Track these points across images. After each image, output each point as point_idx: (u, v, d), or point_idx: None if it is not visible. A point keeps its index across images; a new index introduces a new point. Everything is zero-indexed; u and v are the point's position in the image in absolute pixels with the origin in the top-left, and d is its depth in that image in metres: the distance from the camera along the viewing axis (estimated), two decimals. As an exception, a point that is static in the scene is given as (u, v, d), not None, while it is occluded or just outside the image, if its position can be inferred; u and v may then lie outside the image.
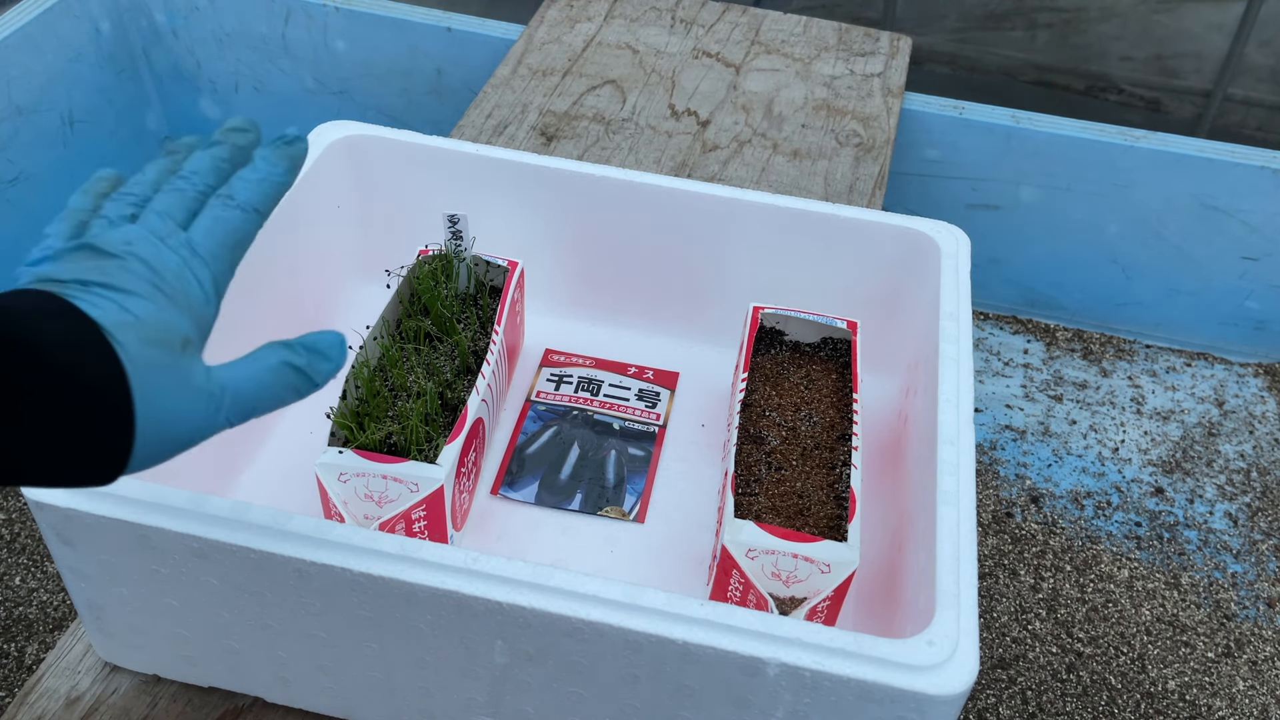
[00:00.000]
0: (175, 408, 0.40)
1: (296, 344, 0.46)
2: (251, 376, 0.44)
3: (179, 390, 0.41)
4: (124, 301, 0.40)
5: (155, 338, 0.40)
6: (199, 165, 0.46)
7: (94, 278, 0.41)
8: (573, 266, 0.85)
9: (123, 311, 0.40)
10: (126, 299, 0.40)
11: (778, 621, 0.51)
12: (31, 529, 1.27)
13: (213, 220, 0.45)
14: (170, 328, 0.41)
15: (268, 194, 0.47)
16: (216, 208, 0.45)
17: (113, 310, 0.40)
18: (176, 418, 0.41)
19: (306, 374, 0.45)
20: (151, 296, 0.41)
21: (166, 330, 0.41)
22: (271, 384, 0.44)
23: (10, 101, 1.50)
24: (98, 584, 0.58)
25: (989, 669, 1.21)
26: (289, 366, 0.45)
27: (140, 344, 0.39)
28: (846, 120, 1.25)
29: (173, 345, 0.41)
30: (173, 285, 0.42)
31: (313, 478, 0.66)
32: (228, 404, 0.43)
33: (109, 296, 0.40)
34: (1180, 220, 1.49)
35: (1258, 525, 1.38)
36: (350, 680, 0.59)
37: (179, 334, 0.41)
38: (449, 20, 1.56)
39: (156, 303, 0.41)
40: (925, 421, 0.67)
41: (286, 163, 0.48)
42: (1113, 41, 1.64)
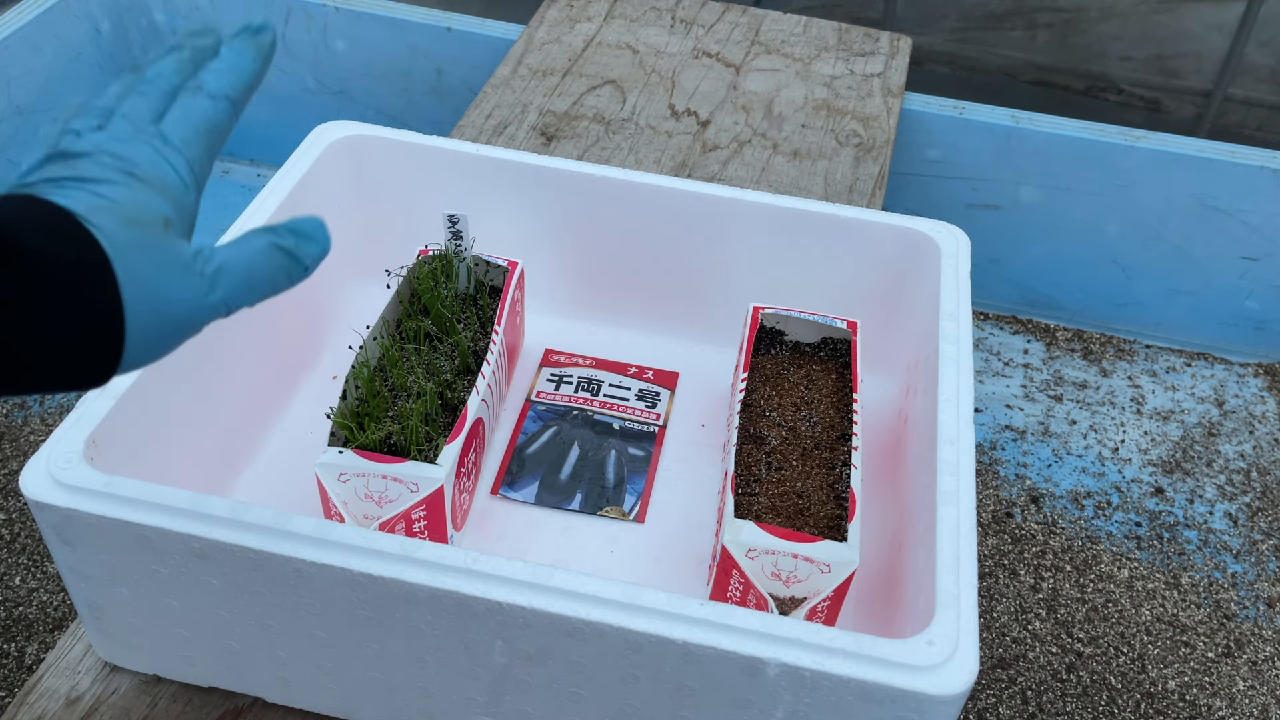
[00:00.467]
0: (164, 286, 0.39)
1: (281, 228, 0.44)
2: (242, 257, 0.42)
3: (165, 268, 0.39)
4: (96, 189, 0.39)
5: (133, 217, 0.39)
6: (161, 69, 0.45)
7: (63, 174, 0.39)
8: (573, 266, 0.85)
9: (95, 196, 0.38)
10: (98, 186, 0.39)
11: (778, 621, 0.51)
12: (31, 529, 1.27)
13: (183, 110, 0.44)
14: (147, 206, 0.40)
15: (237, 82, 0.45)
16: (186, 99, 0.44)
17: (85, 197, 0.38)
18: (167, 297, 0.39)
19: (295, 255, 0.44)
20: (124, 181, 0.40)
21: (143, 209, 0.39)
22: (263, 266, 0.43)
23: (10, 101, 1.50)
24: (98, 584, 0.58)
25: (989, 669, 1.21)
26: (277, 249, 0.43)
27: (117, 224, 0.38)
28: (846, 120, 1.25)
29: (153, 223, 0.39)
30: (146, 171, 0.41)
31: (313, 478, 0.66)
32: (221, 284, 0.41)
33: (80, 186, 0.39)
34: (1180, 220, 1.49)
35: (1258, 525, 1.38)
36: (350, 680, 0.59)
37: (158, 213, 0.40)
38: (449, 20, 1.56)
39: (130, 187, 0.40)
40: (925, 421, 0.67)
41: (254, 50, 0.46)
42: (1113, 41, 1.64)
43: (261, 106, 1.75)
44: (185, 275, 0.40)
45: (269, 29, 0.47)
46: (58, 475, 0.55)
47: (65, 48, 1.57)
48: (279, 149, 1.79)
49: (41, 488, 0.55)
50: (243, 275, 0.42)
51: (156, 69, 0.45)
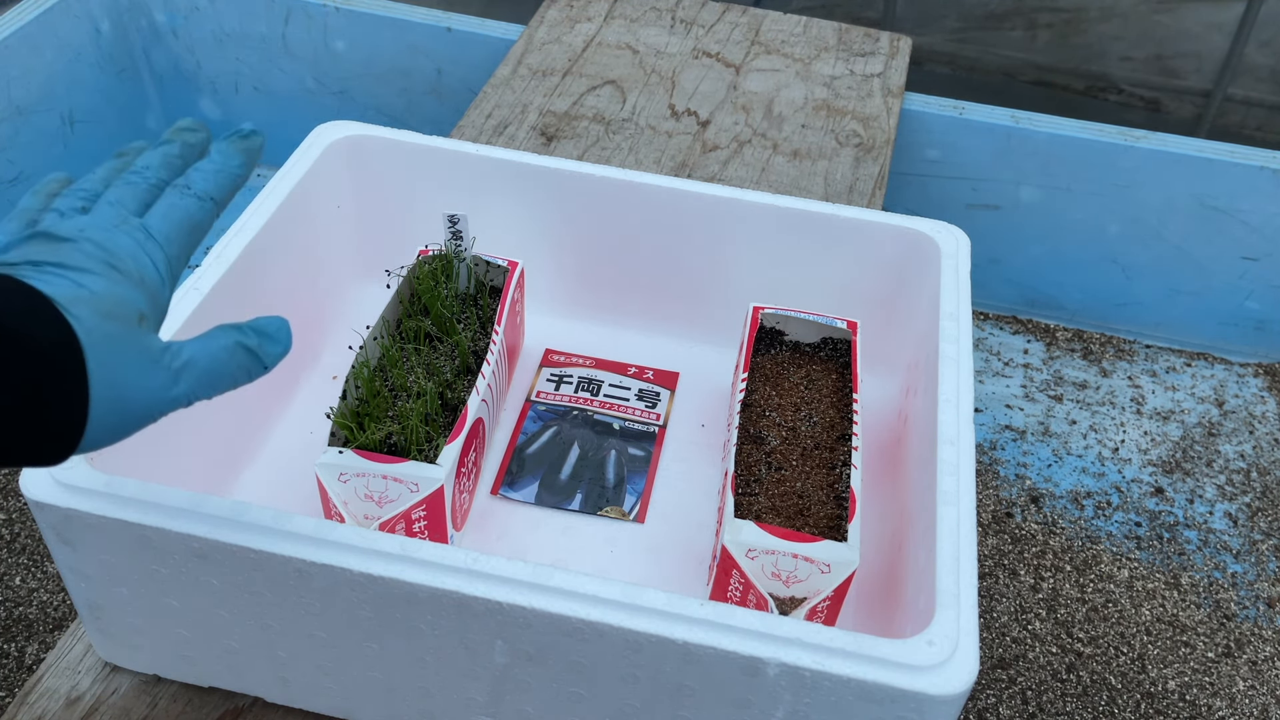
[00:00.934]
0: (131, 379, 0.40)
1: (246, 327, 0.46)
2: (208, 354, 0.44)
3: (135, 362, 0.40)
4: (78, 278, 0.40)
5: (110, 310, 0.40)
6: (150, 161, 0.47)
7: (46, 258, 0.40)
8: (573, 266, 0.85)
9: (77, 287, 0.39)
10: (80, 275, 0.40)
11: (778, 621, 0.51)
12: (31, 529, 1.27)
13: (168, 206, 0.45)
14: (125, 301, 0.41)
15: (223, 184, 0.47)
16: (172, 195, 0.46)
17: (66, 286, 0.39)
18: (133, 391, 0.40)
19: (257, 355, 0.46)
20: (105, 273, 0.41)
21: (121, 304, 0.40)
22: (226, 363, 0.44)
23: (10, 101, 1.50)
24: (98, 584, 0.58)
25: (989, 669, 1.21)
26: (241, 348, 0.45)
27: (95, 316, 0.39)
28: (846, 120, 1.25)
29: (129, 319, 0.41)
30: (127, 265, 0.42)
31: (313, 478, 0.66)
32: (185, 379, 0.42)
33: (63, 274, 0.40)
34: (1180, 220, 1.49)
35: (1258, 525, 1.38)
36: (350, 680, 0.59)
37: (134, 308, 0.41)
38: (449, 20, 1.56)
39: (111, 279, 0.41)
40: (925, 421, 0.67)
41: (242, 155, 0.48)
42: (1113, 41, 1.64)
43: (261, 106, 1.75)
44: (152, 370, 0.41)
45: (259, 134, 0.49)
46: (58, 475, 0.55)
47: (65, 48, 1.57)
48: (279, 149, 1.79)
49: (41, 488, 0.55)
50: (206, 371, 0.43)
51: (145, 161, 0.47)
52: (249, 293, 0.70)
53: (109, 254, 0.42)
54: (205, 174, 0.47)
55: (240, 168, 0.48)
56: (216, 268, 0.68)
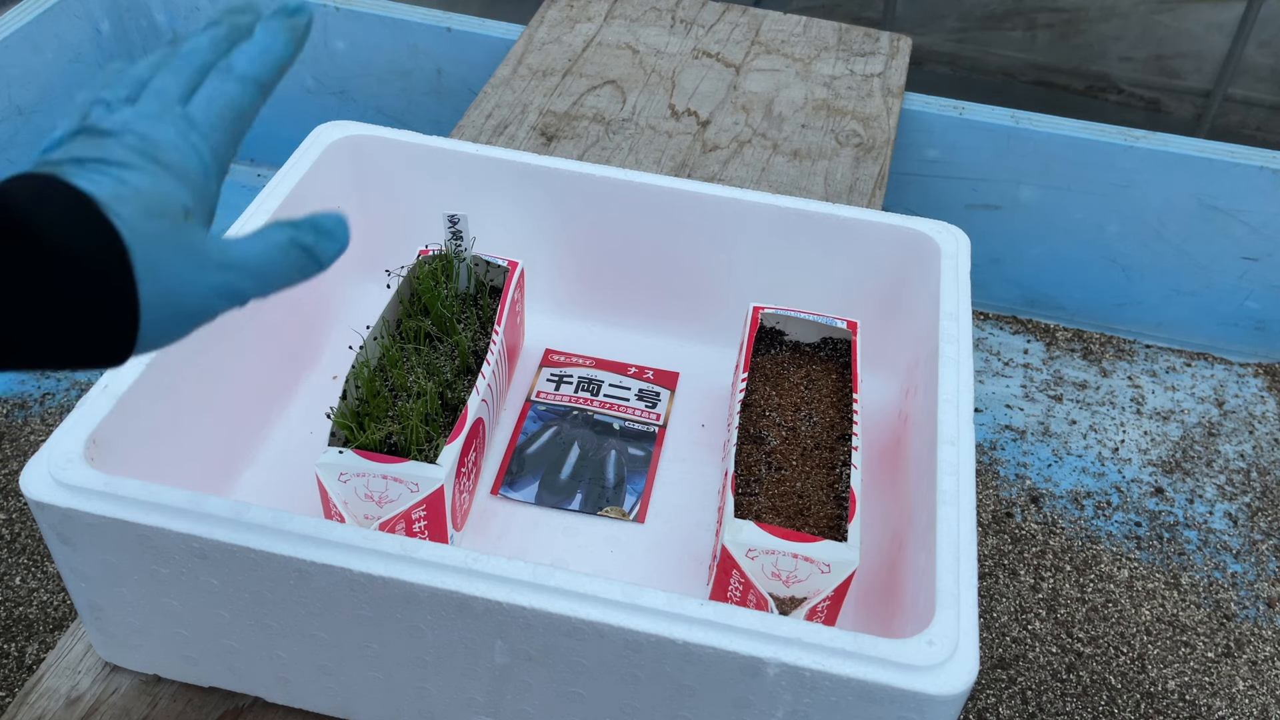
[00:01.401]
0: (180, 278, 0.39)
1: (303, 223, 0.44)
2: (259, 251, 0.42)
3: (183, 260, 0.39)
4: (120, 174, 0.39)
5: (155, 207, 0.39)
6: (196, 44, 0.45)
7: (89, 154, 0.40)
8: (573, 266, 0.85)
9: (119, 184, 0.39)
10: (123, 171, 0.39)
11: (778, 621, 0.51)
12: (31, 529, 1.27)
13: (210, 92, 0.43)
14: (169, 198, 0.40)
15: (267, 65, 0.45)
16: (215, 80, 0.44)
17: (108, 184, 0.38)
18: (182, 289, 0.39)
19: (314, 253, 0.44)
20: (148, 168, 0.40)
21: (166, 200, 0.40)
22: (280, 262, 0.43)
23: (10, 101, 1.50)
24: (98, 584, 0.58)
25: (989, 669, 1.21)
26: (296, 245, 0.43)
27: (139, 215, 0.38)
28: (846, 120, 1.25)
29: (174, 215, 0.40)
30: (170, 157, 0.41)
31: (313, 478, 0.66)
32: (237, 276, 0.41)
33: (104, 171, 0.39)
34: (1180, 220, 1.49)
35: (1258, 525, 1.38)
36: (350, 680, 0.59)
37: (179, 204, 0.40)
38: (449, 20, 1.56)
39: (154, 174, 0.40)
40: (925, 421, 0.67)
41: (287, 34, 0.46)
42: (1113, 41, 1.64)
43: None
44: (201, 268, 0.40)
45: (305, 11, 0.46)
46: (58, 475, 0.55)
47: (65, 48, 1.57)
48: (279, 149, 1.79)
49: (42, 488, 0.55)
50: (259, 269, 0.42)
51: (191, 45, 0.45)
52: (249, 293, 0.70)
53: (152, 146, 0.41)
54: (248, 55, 0.45)
55: (286, 46, 0.45)
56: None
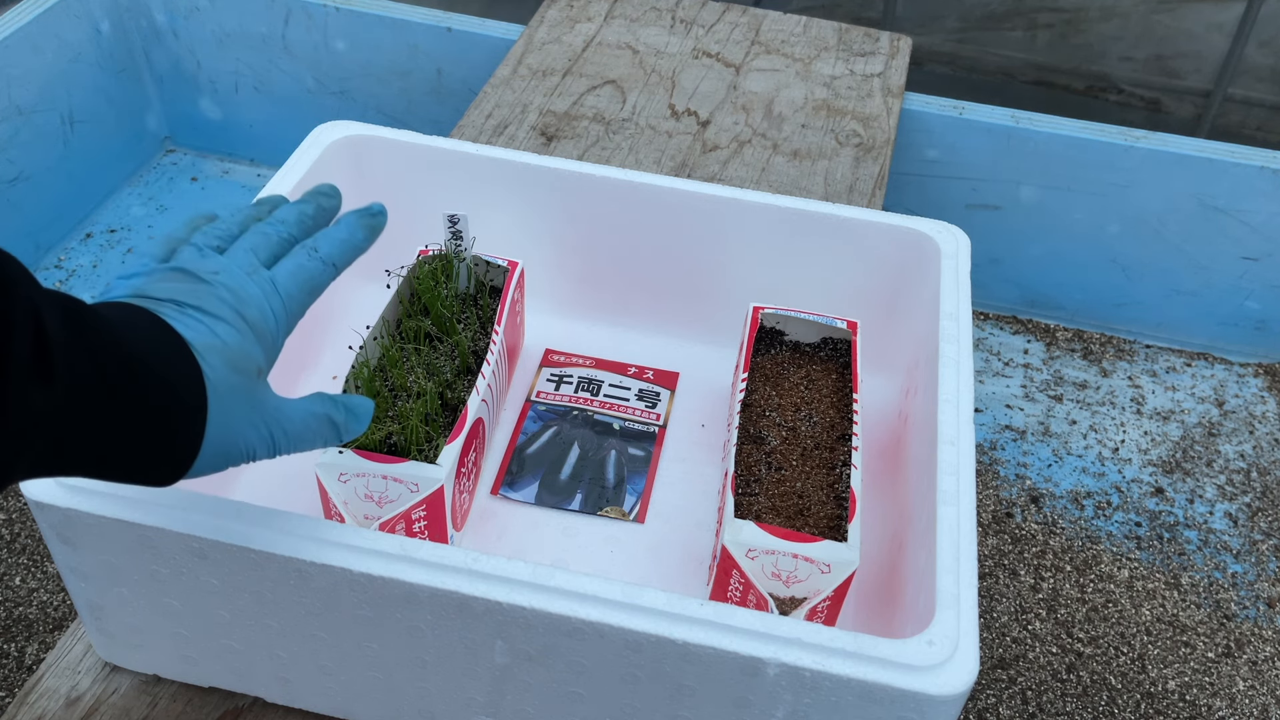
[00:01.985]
0: (239, 429, 0.44)
1: (340, 403, 0.51)
2: (302, 420, 0.48)
3: (247, 415, 0.45)
4: (213, 325, 0.44)
5: (237, 364, 0.44)
6: (286, 215, 0.52)
7: (187, 299, 0.44)
8: (573, 266, 0.85)
9: (212, 335, 0.43)
10: (215, 323, 0.44)
11: (778, 621, 0.51)
12: (31, 529, 1.27)
13: (295, 266, 0.49)
14: (250, 355, 0.45)
15: (346, 253, 0.52)
16: (300, 255, 0.50)
17: (203, 332, 0.43)
18: (238, 439, 0.44)
19: (340, 431, 0.51)
20: (236, 323, 0.45)
21: (247, 358, 0.45)
22: (315, 431, 0.49)
23: (10, 101, 1.50)
24: (98, 584, 0.58)
25: (989, 669, 1.21)
26: (330, 422, 0.50)
27: (224, 367, 0.43)
28: (846, 120, 1.25)
29: (250, 372, 0.45)
30: (254, 316, 0.46)
31: (313, 478, 0.66)
32: (279, 437, 0.47)
33: (199, 319, 0.44)
34: (1180, 220, 1.49)
35: (1258, 525, 1.38)
36: (350, 680, 0.59)
37: (255, 362, 0.45)
38: (449, 20, 1.56)
39: (240, 330, 0.45)
40: (925, 421, 0.67)
41: (366, 231, 0.53)
42: (1113, 41, 1.64)
43: (261, 106, 1.75)
44: (258, 424, 0.46)
45: (384, 215, 0.54)
46: (58, 475, 0.55)
47: (65, 48, 1.57)
48: (279, 149, 1.79)
49: (42, 488, 0.55)
50: (297, 435, 0.48)
51: (282, 215, 0.52)
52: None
53: (240, 302, 0.46)
54: (333, 241, 0.51)
55: (364, 241, 0.53)
56: None
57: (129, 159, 1.76)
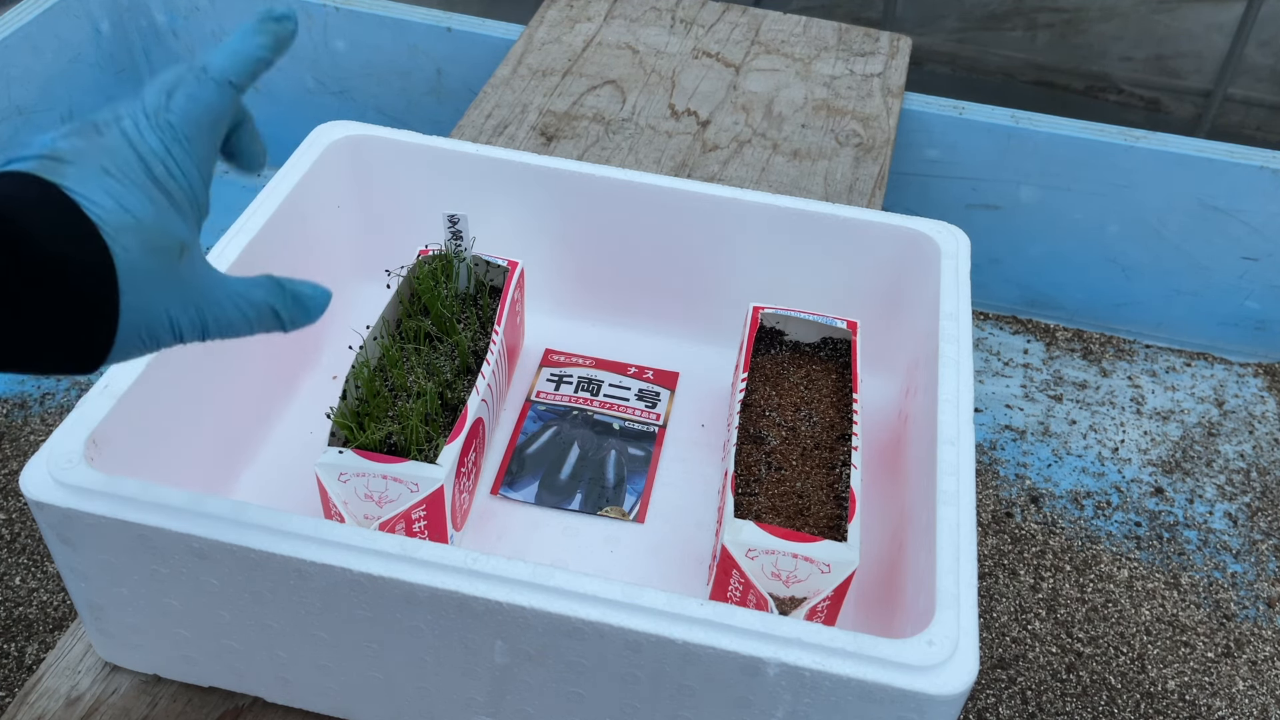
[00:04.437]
0: (161, 314, 0.41)
1: (289, 290, 0.46)
2: (237, 306, 0.44)
3: (170, 298, 0.41)
4: (122, 197, 0.39)
5: (155, 242, 0.40)
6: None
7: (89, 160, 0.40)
8: (573, 266, 0.85)
9: (122, 210, 0.39)
10: (125, 193, 0.40)
11: (778, 621, 0.51)
12: (31, 529, 1.27)
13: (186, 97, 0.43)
14: (168, 230, 0.41)
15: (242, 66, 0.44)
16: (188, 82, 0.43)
17: (112, 208, 0.39)
18: (161, 323, 0.41)
19: (283, 322, 0.46)
20: (146, 189, 0.40)
21: (165, 234, 0.40)
22: (254, 319, 0.45)
23: (10, 101, 1.50)
24: (98, 584, 0.58)
25: (989, 669, 1.21)
26: (271, 311, 0.45)
27: (139, 249, 0.39)
28: (846, 120, 1.25)
29: (171, 250, 0.41)
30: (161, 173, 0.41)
31: (313, 478, 0.66)
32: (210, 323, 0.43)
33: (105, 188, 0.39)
34: (1180, 220, 1.49)
35: (1258, 525, 1.38)
36: (350, 680, 0.59)
37: (176, 237, 0.41)
38: (449, 20, 1.56)
39: (153, 198, 0.40)
40: (925, 421, 0.67)
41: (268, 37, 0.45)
42: (1113, 41, 1.64)
43: (261, 106, 1.75)
44: (185, 307, 0.42)
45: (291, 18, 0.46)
46: (58, 475, 0.55)
47: (65, 48, 1.57)
48: (279, 149, 1.79)
49: (41, 488, 0.55)
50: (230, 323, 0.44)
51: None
52: (249, 293, 0.70)
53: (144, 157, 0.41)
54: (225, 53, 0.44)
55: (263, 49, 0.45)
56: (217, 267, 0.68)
57: (129, 159, 1.76)
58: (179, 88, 0.43)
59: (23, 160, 0.40)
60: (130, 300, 0.39)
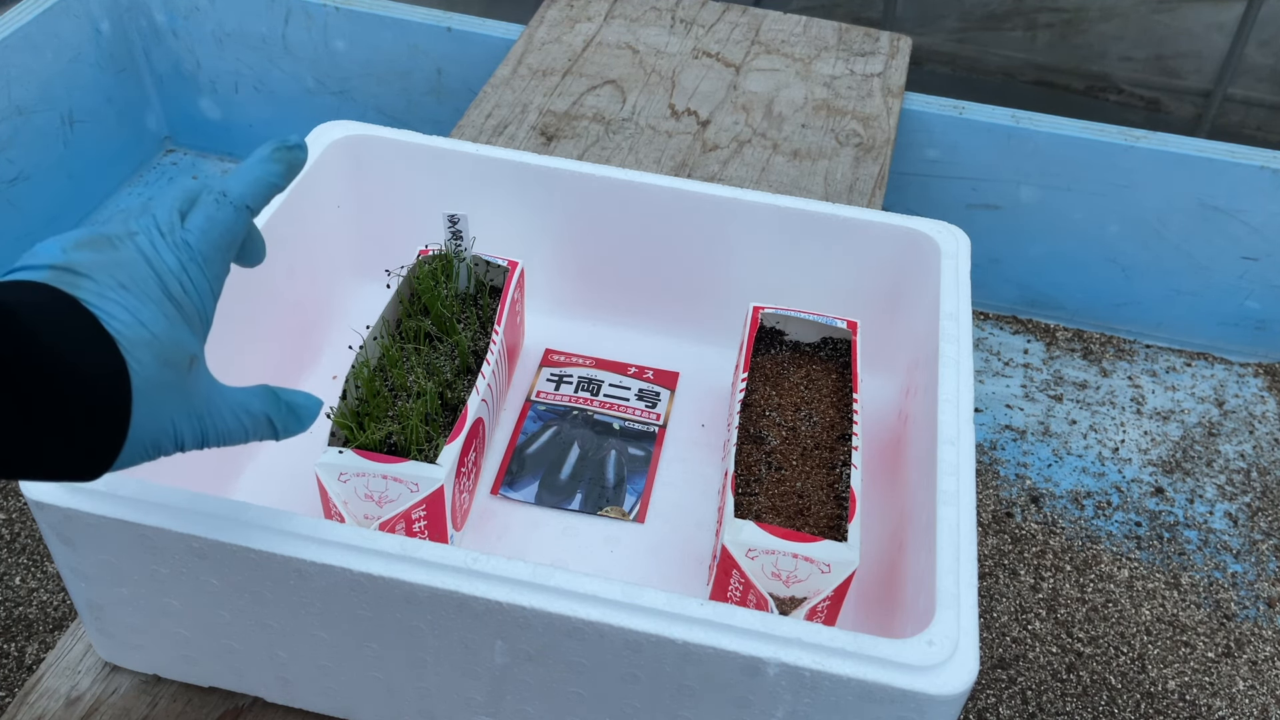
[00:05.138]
0: (167, 424, 0.42)
1: (284, 401, 0.48)
2: (236, 416, 0.45)
3: (177, 409, 0.42)
4: (138, 311, 0.40)
5: (168, 356, 0.41)
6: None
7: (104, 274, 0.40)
8: (573, 266, 0.85)
9: (138, 325, 0.40)
10: (141, 306, 0.40)
11: (778, 621, 0.51)
12: (31, 529, 1.27)
13: (206, 219, 0.45)
14: (181, 345, 0.42)
15: (260, 192, 0.47)
16: (208, 205, 0.45)
17: (129, 322, 0.40)
18: (166, 432, 0.42)
19: (277, 431, 0.48)
20: (162, 304, 0.41)
21: (178, 348, 0.42)
22: (251, 428, 0.46)
23: (10, 101, 1.50)
24: (98, 584, 0.58)
25: (989, 669, 1.21)
26: (267, 421, 0.47)
27: (154, 362, 0.40)
28: (846, 120, 1.25)
29: (181, 364, 0.42)
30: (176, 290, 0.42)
31: (313, 478, 0.66)
32: (210, 432, 0.44)
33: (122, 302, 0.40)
34: (1180, 220, 1.49)
35: (1258, 525, 1.38)
36: (350, 680, 0.59)
37: (187, 351, 0.42)
38: (449, 20, 1.56)
39: (168, 313, 0.41)
40: (925, 421, 0.67)
41: (283, 166, 0.48)
42: (1113, 41, 1.64)
43: (261, 106, 1.75)
44: (187, 420, 0.43)
45: (303, 148, 0.49)
46: (58, 475, 0.55)
47: (65, 48, 1.57)
48: (279, 149, 1.79)
49: (41, 488, 0.55)
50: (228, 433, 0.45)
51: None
52: (249, 293, 0.70)
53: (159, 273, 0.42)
54: (244, 180, 0.46)
55: (279, 177, 0.48)
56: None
57: (129, 159, 1.76)
58: (198, 209, 0.45)
59: (33, 269, 0.40)
60: (141, 411, 0.40)
